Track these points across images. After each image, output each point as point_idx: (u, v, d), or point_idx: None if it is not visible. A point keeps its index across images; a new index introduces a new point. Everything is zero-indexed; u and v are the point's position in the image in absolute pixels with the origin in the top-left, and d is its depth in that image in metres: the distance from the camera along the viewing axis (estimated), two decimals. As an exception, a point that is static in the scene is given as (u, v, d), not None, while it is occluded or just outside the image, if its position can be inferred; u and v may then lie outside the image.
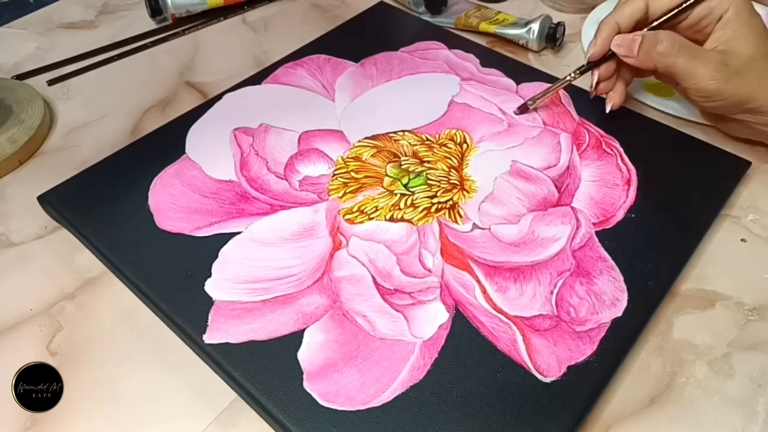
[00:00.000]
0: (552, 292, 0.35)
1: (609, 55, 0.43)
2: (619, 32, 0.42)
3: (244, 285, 0.35)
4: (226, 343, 0.33)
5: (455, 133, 0.45)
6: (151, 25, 0.60)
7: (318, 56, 0.52)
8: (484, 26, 0.56)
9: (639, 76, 0.47)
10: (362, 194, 0.40)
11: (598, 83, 0.45)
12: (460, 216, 0.39)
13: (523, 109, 0.46)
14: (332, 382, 0.31)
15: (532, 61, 0.54)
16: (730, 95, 0.39)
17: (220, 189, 0.41)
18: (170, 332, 0.35)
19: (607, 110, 0.45)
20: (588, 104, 0.46)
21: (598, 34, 0.43)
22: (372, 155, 0.43)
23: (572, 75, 0.45)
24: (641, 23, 0.43)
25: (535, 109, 0.46)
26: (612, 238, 0.37)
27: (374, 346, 0.32)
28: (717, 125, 0.46)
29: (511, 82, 0.49)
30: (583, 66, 0.45)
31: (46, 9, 0.63)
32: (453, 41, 0.54)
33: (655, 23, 0.42)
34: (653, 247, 0.37)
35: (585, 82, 0.47)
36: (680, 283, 0.37)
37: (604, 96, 0.46)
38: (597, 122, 0.45)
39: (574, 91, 0.47)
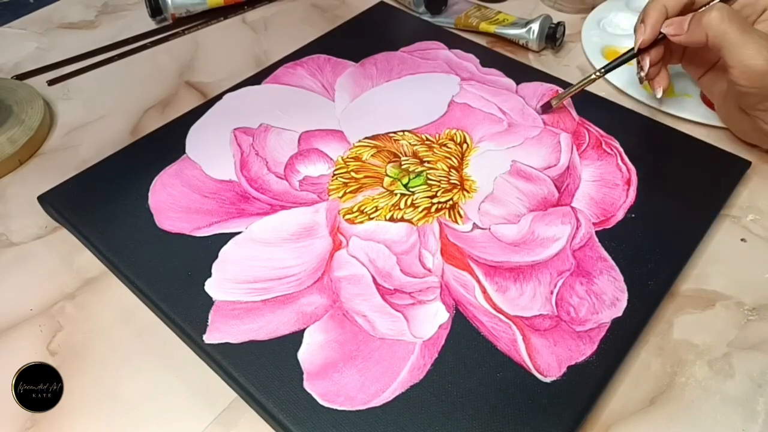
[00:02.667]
0: (552, 292, 0.35)
1: (658, 41, 0.42)
2: (667, 17, 0.42)
3: (244, 285, 0.35)
4: (226, 343, 0.33)
5: (455, 133, 0.45)
6: (151, 25, 0.60)
7: (318, 56, 0.52)
8: (484, 26, 0.56)
9: (685, 62, 0.46)
10: (362, 194, 0.40)
11: (649, 68, 0.44)
12: (460, 216, 0.39)
13: (545, 108, 0.45)
14: (332, 382, 0.31)
15: (532, 61, 0.54)
16: None
17: (220, 189, 0.41)
18: (170, 332, 0.35)
19: (659, 95, 0.45)
20: (588, 104, 0.46)
21: (645, 19, 0.42)
22: (372, 155, 0.43)
23: (597, 74, 0.45)
24: (687, 9, 0.42)
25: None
26: (612, 238, 0.37)
27: (374, 346, 0.32)
28: (728, 123, 0.45)
29: (511, 82, 0.49)
30: (609, 64, 0.45)
31: (46, 9, 0.63)
32: (453, 41, 0.54)
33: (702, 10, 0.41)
34: (653, 247, 0.37)
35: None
36: (680, 283, 0.37)
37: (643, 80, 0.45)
38: (597, 122, 0.45)
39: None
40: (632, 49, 0.44)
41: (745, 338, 0.34)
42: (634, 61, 0.45)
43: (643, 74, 0.44)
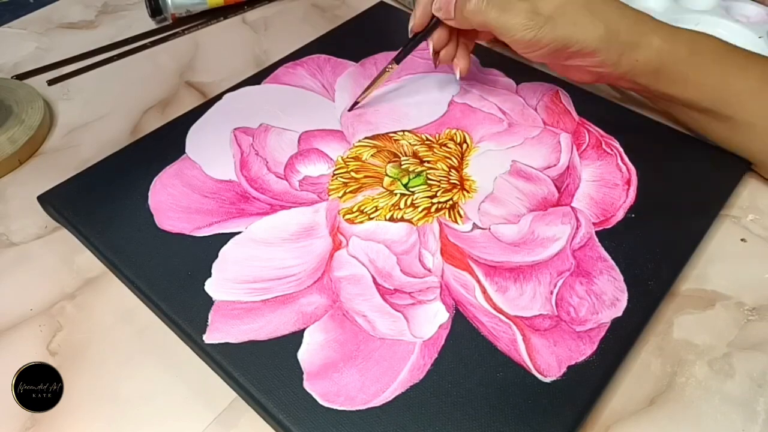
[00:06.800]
0: (552, 292, 0.35)
1: (435, 23, 0.43)
2: None
3: (244, 285, 0.35)
4: (226, 343, 0.33)
5: (455, 133, 0.45)
6: (151, 25, 0.60)
7: (318, 56, 0.52)
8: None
9: (477, 39, 0.46)
10: (362, 194, 0.40)
11: (436, 53, 0.44)
12: (460, 216, 0.39)
13: (352, 107, 0.46)
14: (332, 382, 0.31)
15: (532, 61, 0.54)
16: (548, 41, 0.39)
17: (220, 189, 0.41)
18: (170, 332, 0.35)
19: (457, 77, 0.45)
20: (588, 104, 0.46)
21: (417, 4, 0.43)
22: (372, 155, 0.43)
23: (390, 66, 0.45)
24: None
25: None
26: (612, 238, 0.37)
27: (374, 346, 0.32)
28: (565, 76, 0.45)
29: (511, 82, 0.49)
30: (399, 54, 0.45)
31: (46, 9, 0.63)
32: (453, 41, 0.53)
33: None
34: (653, 247, 0.37)
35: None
36: (680, 283, 0.37)
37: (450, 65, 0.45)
38: (597, 122, 0.45)
39: (574, 91, 0.47)
40: (417, 34, 0.44)
41: (745, 338, 0.34)
42: None
43: (433, 60, 0.45)
